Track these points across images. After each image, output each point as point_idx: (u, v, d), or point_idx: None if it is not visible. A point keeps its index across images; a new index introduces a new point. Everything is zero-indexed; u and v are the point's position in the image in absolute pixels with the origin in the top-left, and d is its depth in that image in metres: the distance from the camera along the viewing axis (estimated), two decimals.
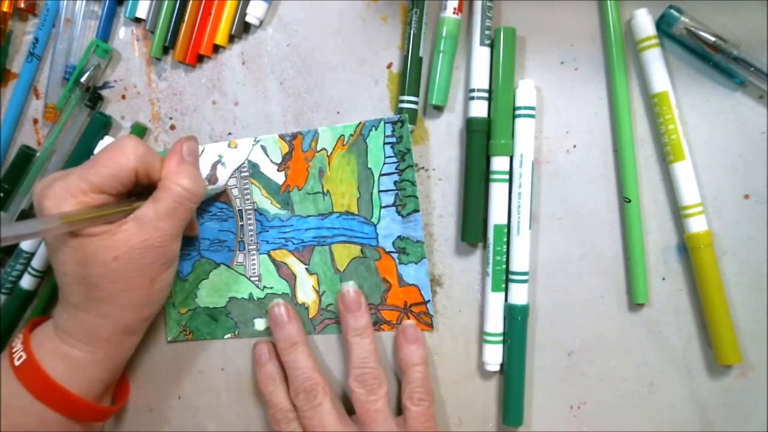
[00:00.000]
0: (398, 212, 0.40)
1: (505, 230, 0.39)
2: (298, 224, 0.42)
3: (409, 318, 0.41)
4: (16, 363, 0.36)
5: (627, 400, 0.39)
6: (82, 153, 0.43)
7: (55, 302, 0.46)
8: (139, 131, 0.44)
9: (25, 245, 0.44)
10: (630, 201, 0.38)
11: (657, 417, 0.39)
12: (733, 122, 0.38)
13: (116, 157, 0.35)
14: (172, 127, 0.44)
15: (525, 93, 0.38)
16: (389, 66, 0.41)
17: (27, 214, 0.45)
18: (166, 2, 0.42)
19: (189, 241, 0.43)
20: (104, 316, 0.36)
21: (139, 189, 0.37)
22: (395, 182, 0.40)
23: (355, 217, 0.41)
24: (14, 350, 0.37)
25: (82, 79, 0.43)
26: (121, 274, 0.35)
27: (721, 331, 0.37)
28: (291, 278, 0.42)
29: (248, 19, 0.41)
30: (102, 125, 0.43)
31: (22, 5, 0.44)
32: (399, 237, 0.40)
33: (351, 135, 0.41)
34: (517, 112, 0.38)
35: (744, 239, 0.38)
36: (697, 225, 0.37)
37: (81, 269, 0.35)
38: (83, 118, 0.44)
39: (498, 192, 0.39)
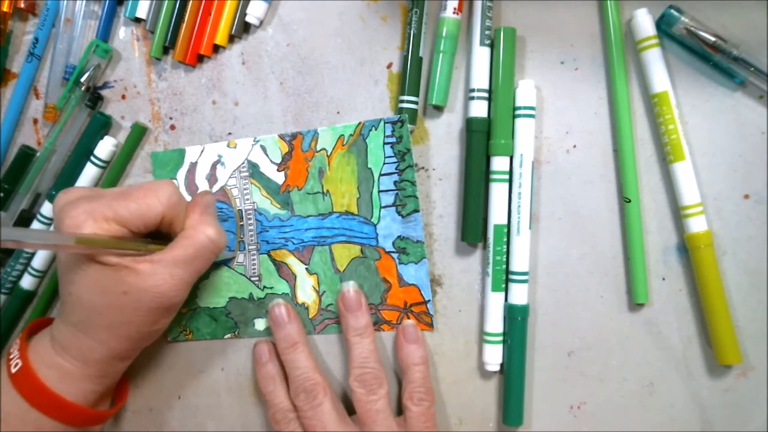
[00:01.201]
0: (398, 212, 0.40)
1: (505, 230, 0.39)
2: (298, 224, 0.42)
3: (409, 318, 0.41)
4: (13, 370, 0.36)
5: (627, 400, 0.39)
6: (82, 153, 0.43)
7: (55, 302, 0.46)
8: (139, 131, 0.44)
9: None
10: (630, 201, 0.38)
11: (657, 417, 0.39)
12: (733, 122, 0.38)
13: (149, 198, 0.35)
14: (172, 127, 0.44)
15: (525, 93, 0.38)
16: (389, 66, 0.41)
17: (27, 214, 0.45)
18: (166, 2, 0.42)
19: None
20: (100, 342, 0.36)
21: (155, 232, 0.37)
22: (395, 182, 0.40)
23: (355, 217, 0.41)
24: (11, 357, 0.37)
25: (82, 79, 0.43)
26: (126, 309, 0.35)
27: (721, 331, 0.37)
28: (291, 278, 0.42)
29: (248, 19, 0.41)
30: (102, 125, 0.43)
31: (22, 5, 0.44)
32: (399, 237, 0.40)
33: (351, 135, 0.41)
34: (517, 112, 0.38)
35: (744, 239, 0.38)
36: (697, 225, 0.37)
37: (88, 293, 0.35)
38: (83, 118, 0.44)
39: (498, 192, 0.39)
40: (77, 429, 0.38)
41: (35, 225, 0.44)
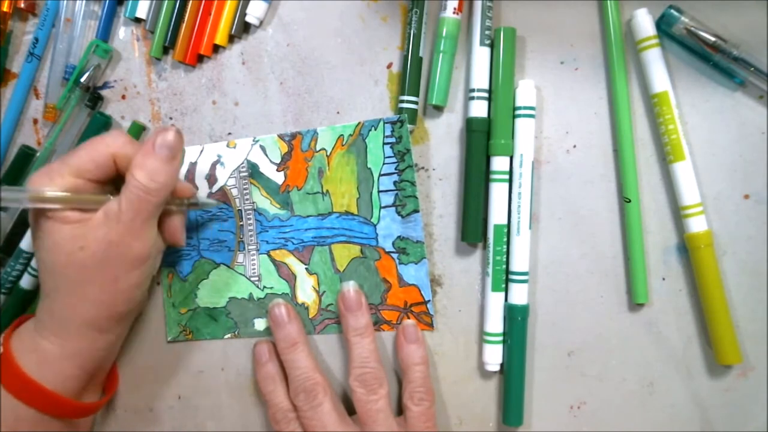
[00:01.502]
0: (398, 212, 0.40)
1: (505, 230, 0.39)
2: (298, 224, 0.42)
3: (409, 318, 0.41)
4: None
5: (627, 400, 0.39)
6: None
7: None
8: (137, 130, 0.43)
9: (26, 245, 0.44)
10: (630, 201, 0.38)
11: (657, 417, 0.39)
12: (733, 122, 0.38)
13: (95, 142, 0.35)
14: None
15: (525, 93, 0.38)
16: (389, 66, 0.41)
17: (26, 213, 0.45)
18: (166, 2, 0.42)
19: (188, 242, 0.43)
20: (69, 307, 0.36)
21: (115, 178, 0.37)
22: (395, 182, 0.40)
23: (354, 217, 0.41)
24: None
25: (82, 79, 0.43)
26: (84, 266, 0.35)
27: (721, 331, 0.37)
28: (291, 278, 0.42)
29: (248, 19, 0.41)
30: (102, 125, 0.43)
31: (22, 5, 0.44)
32: (399, 237, 0.40)
33: (350, 135, 0.41)
34: (517, 112, 0.38)
35: (744, 239, 0.38)
36: (697, 225, 0.37)
37: (50, 256, 0.35)
38: (83, 118, 0.44)
39: (498, 192, 0.39)
40: (58, 420, 0.38)
41: None
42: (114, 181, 0.37)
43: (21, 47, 0.45)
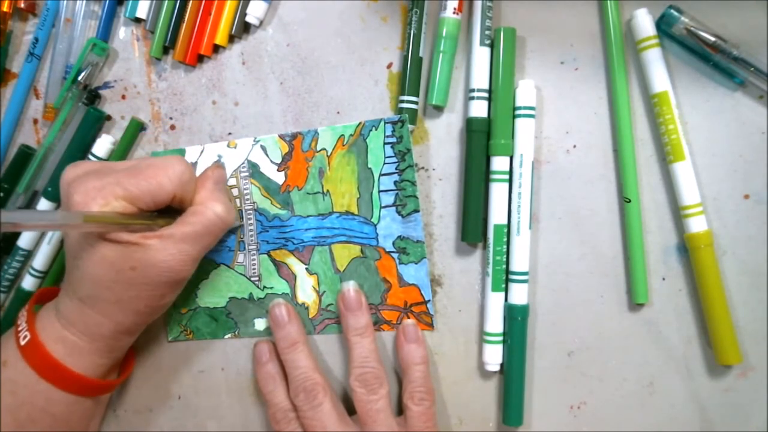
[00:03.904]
0: (398, 212, 0.40)
1: (505, 230, 0.39)
2: (298, 224, 0.42)
3: (409, 318, 0.41)
4: (22, 343, 0.37)
5: (627, 400, 0.39)
6: (77, 149, 0.43)
7: None
8: (136, 126, 0.43)
9: (23, 242, 0.44)
10: (630, 201, 0.38)
11: (657, 417, 0.39)
12: (733, 122, 0.38)
13: (160, 176, 0.35)
14: (172, 127, 0.44)
15: (525, 93, 0.38)
16: (389, 66, 0.41)
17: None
18: (166, 2, 0.42)
19: None
20: (107, 316, 0.36)
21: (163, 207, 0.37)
22: (395, 182, 0.40)
23: (355, 217, 0.41)
24: (19, 329, 0.37)
25: (80, 78, 0.43)
26: (134, 284, 0.35)
27: (721, 331, 0.37)
28: (291, 278, 0.42)
29: (248, 19, 0.41)
30: (96, 120, 0.43)
31: (22, 5, 0.44)
32: (399, 237, 0.40)
33: (351, 135, 0.41)
34: (517, 112, 0.38)
35: (744, 239, 0.38)
36: (697, 225, 0.37)
37: (96, 269, 0.35)
38: (81, 117, 0.44)
39: (498, 192, 0.39)
40: (87, 398, 0.39)
41: None
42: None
43: (21, 47, 0.45)
